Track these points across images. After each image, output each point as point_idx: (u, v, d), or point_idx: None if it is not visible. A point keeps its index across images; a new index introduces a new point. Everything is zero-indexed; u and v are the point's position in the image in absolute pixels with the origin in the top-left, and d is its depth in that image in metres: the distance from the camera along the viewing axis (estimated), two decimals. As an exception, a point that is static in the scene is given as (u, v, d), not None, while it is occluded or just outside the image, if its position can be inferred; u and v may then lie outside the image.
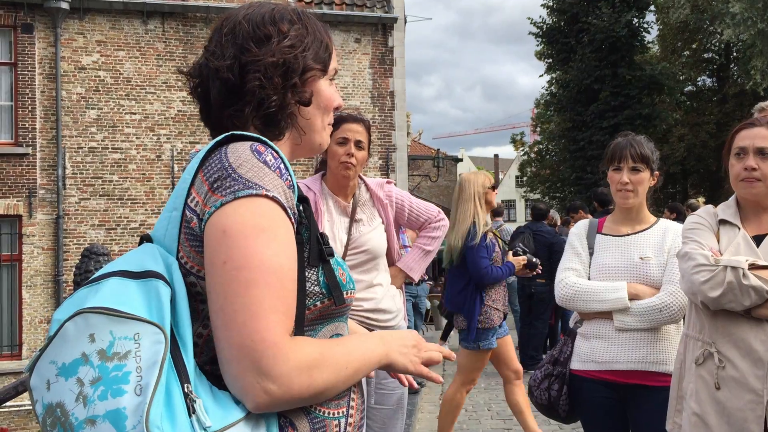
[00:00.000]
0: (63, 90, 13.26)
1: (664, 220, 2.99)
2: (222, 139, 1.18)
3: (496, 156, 74.92)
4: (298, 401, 1.08)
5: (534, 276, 8.72)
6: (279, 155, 1.18)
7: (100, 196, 13.42)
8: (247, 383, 1.03)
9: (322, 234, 1.25)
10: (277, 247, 1.09)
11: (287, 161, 1.19)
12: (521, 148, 42.12)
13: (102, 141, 13.47)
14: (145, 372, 0.98)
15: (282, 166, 1.17)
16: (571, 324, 3.04)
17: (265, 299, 1.05)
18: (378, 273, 3.12)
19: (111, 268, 1.12)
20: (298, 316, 1.13)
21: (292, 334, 1.10)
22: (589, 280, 2.87)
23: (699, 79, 28.43)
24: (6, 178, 12.95)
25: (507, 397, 5.18)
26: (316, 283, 1.20)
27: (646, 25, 23.96)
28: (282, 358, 1.03)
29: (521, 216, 57.03)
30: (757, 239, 2.31)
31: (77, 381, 0.99)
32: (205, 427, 1.00)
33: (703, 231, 2.38)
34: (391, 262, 3.27)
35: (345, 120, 3.09)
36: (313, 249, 1.21)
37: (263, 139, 1.19)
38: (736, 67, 26.09)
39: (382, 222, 3.19)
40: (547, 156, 29.01)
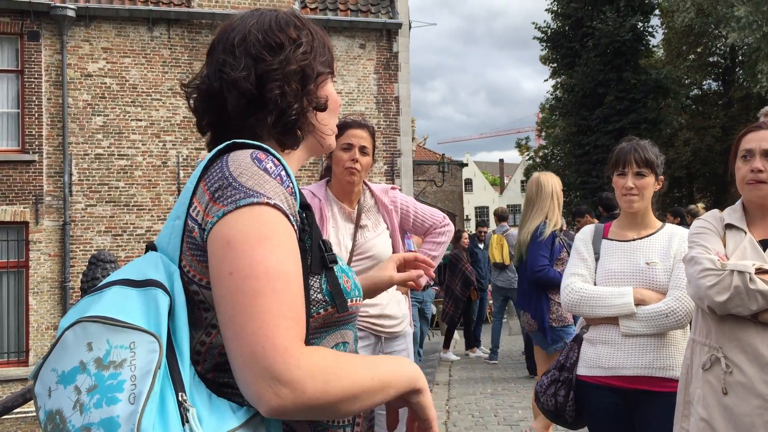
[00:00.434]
0: (69, 97, 13.33)
1: (670, 224, 2.98)
2: (223, 148, 1.18)
3: (502, 161, 75.02)
4: (314, 408, 1.05)
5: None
6: (280, 162, 1.18)
7: (106, 202, 13.47)
8: (260, 389, 1.02)
9: (325, 241, 1.24)
10: (282, 253, 1.09)
11: (289, 168, 1.19)
12: (526, 153, 42.13)
13: (108, 147, 13.54)
14: (139, 380, 0.99)
15: (283, 173, 1.16)
16: (577, 329, 3.03)
17: (273, 306, 1.04)
18: None
19: (115, 277, 1.13)
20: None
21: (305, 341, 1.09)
22: (595, 285, 2.87)
23: (704, 82, 28.41)
24: (13, 184, 13.02)
25: None
26: (318, 290, 1.20)
27: (651, 29, 23.98)
28: (294, 363, 1.02)
29: (527, 221, 56.92)
30: (764, 243, 2.30)
31: (75, 389, 1.00)
32: None
33: (709, 235, 2.38)
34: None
35: (349, 126, 3.09)
36: (315, 256, 1.20)
37: (264, 146, 1.18)
38: (741, 71, 26.04)
39: (387, 228, 3.19)
40: (553, 160, 28.99)
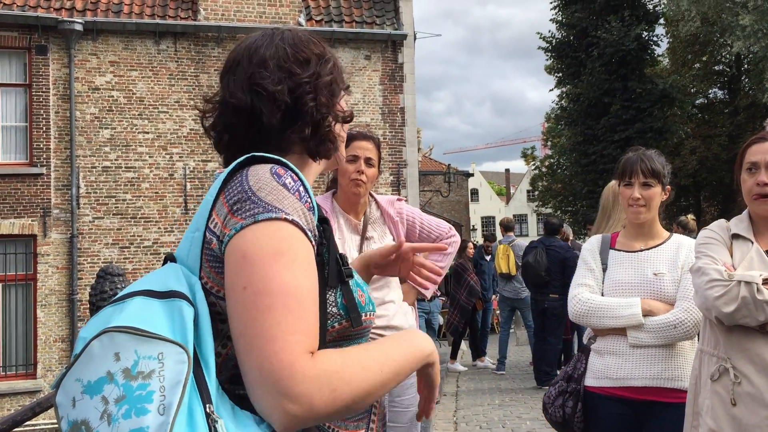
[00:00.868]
0: (77, 110, 13.41)
1: (677, 235, 2.98)
2: (243, 161, 1.19)
3: (507, 170, 74.98)
4: (327, 416, 1.07)
5: (547, 291, 8.76)
6: (299, 177, 1.19)
7: (113, 215, 13.52)
8: (269, 405, 1.03)
9: (342, 255, 1.26)
10: (297, 269, 1.09)
11: (307, 183, 1.20)
12: (532, 163, 42.06)
13: (115, 160, 13.60)
14: (168, 391, 0.99)
15: (302, 189, 1.18)
16: (584, 340, 3.02)
17: (282, 322, 1.05)
18: (390, 290, 3.12)
19: (136, 287, 1.13)
20: (320, 337, 1.13)
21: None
22: (602, 296, 2.86)
23: (710, 91, 28.32)
24: (21, 198, 13.08)
25: None
26: (334, 304, 1.21)
27: (655, 39, 23.95)
28: (299, 378, 1.03)
29: (533, 230, 56.91)
30: (771, 254, 2.30)
31: (102, 399, 0.99)
32: None
33: (716, 246, 2.37)
34: (402, 279, 3.27)
35: (355, 138, 3.11)
36: (332, 270, 1.22)
37: (283, 161, 1.20)
38: (747, 79, 25.97)
39: (393, 239, 3.19)
40: (559, 170, 28.92)
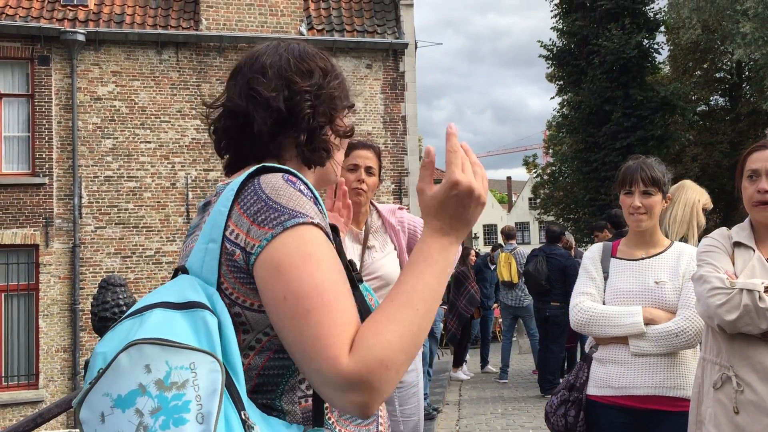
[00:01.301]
0: (79, 120, 13.46)
1: (679, 243, 2.97)
2: (253, 171, 1.20)
3: (509, 178, 74.89)
4: (391, 383, 1.06)
5: (548, 299, 8.75)
6: (308, 186, 1.21)
7: (115, 224, 13.54)
8: (339, 402, 1.06)
9: (352, 261, 1.28)
10: (327, 266, 1.11)
11: (316, 192, 1.22)
12: (534, 170, 42.00)
13: (117, 170, 13.63)
14: (205, 400, 1.00)
15: (313, 196, 1.20)
16: (586, 349, 3.01)
17: (323, 320, 1.06)
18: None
19: (152, 300, 1.12)
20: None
21: None
22: (603, 304, 2.86)
23: (711, 98, 28.33)
24: (23, 207, 13.11)
25: None
26: None
27: (656, 46, 23.97)
28: (348, 369, 1.03)
29: (535, 238, 56.86)
30: (773, 261, 2.30)
31: (136, 412, 0.99)
32: None
33: (717, 254, 2.37)
34: None
35: (355, 147, 3.11)
36: None
37: (292, 170, 1.21)
38: (748, 86, 26.00)
39: (395, 248, 3.20)
40: (560, 178, 28.92)
